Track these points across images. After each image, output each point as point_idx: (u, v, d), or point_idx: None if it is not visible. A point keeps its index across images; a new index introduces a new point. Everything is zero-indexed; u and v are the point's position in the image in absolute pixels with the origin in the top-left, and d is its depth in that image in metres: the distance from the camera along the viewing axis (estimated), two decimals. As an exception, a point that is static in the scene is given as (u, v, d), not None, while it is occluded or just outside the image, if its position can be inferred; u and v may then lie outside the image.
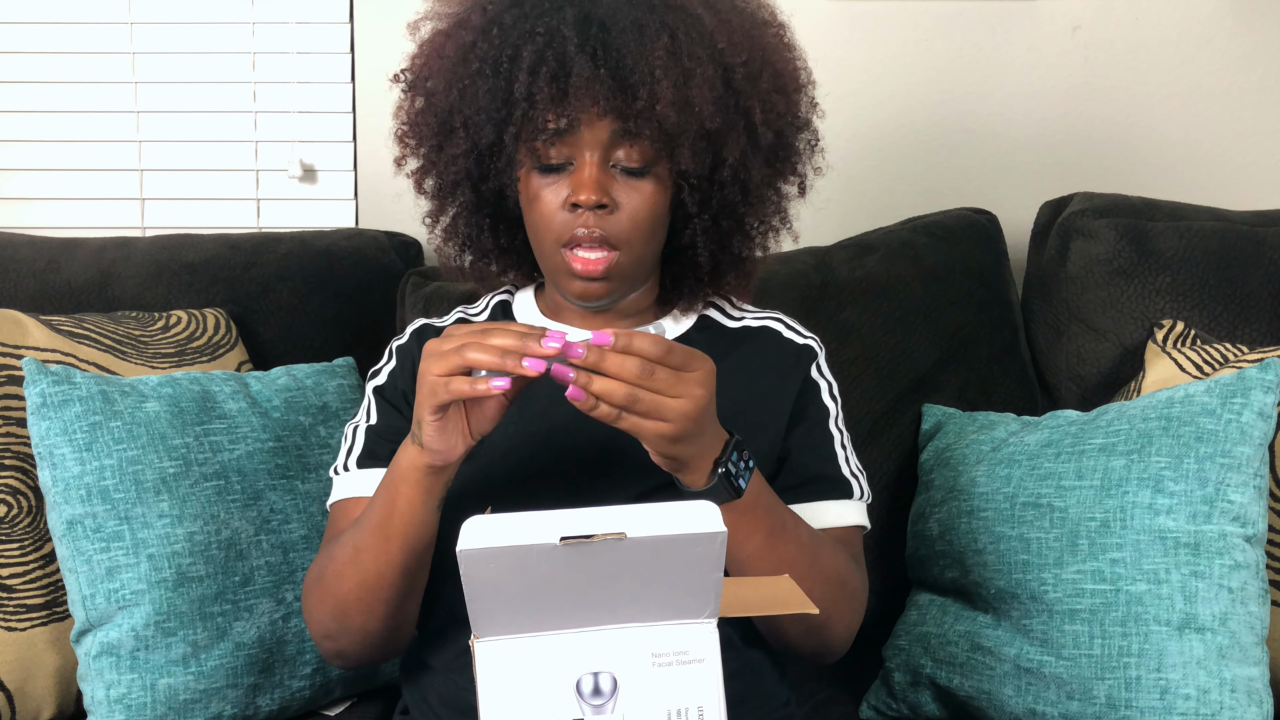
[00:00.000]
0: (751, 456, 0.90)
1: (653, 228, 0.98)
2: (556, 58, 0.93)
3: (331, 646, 1.01)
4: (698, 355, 0.83)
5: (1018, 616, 1.16)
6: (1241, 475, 1.09)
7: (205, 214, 1.78)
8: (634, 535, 0.65)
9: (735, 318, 1.10)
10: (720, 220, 1.01)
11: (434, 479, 0.88)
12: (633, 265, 0.98)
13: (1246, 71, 1.73)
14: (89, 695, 1.14)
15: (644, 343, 0.79)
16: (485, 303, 1.14)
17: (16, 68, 1.75)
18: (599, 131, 0.94)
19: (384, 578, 0.92)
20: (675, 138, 0.94)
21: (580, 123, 0.94)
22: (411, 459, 0.88)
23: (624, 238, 0.96)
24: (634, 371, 0.79)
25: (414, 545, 0.91)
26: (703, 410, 0.82)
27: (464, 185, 1.02)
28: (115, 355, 1.31)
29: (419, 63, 1.03)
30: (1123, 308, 1.46)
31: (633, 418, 0.80)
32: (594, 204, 0.94)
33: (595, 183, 0.94)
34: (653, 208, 0.97)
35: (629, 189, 0.96)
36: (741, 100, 0.97)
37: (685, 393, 0.81)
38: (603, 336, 0.79)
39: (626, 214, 0.96)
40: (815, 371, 1.07)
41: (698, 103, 0.93)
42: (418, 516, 0.90)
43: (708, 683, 0.70)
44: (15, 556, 1.20)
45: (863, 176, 1.73)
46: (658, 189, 0.97)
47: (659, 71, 0.92)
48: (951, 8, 1.72)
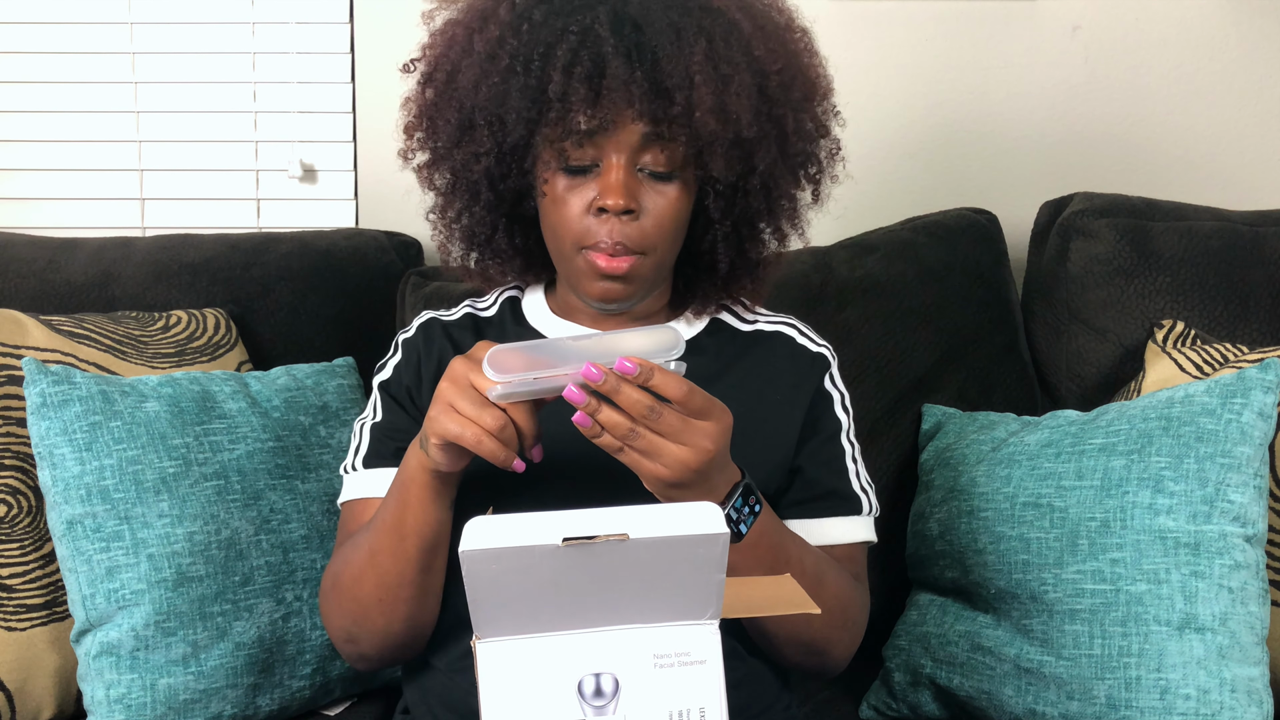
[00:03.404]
0: (760, 500, 0.88)
1: (675, 233, 0.97)
2: (591, 58, 0.91)
3: (354, 650, 1.01)
4: (718, 406, 0.81)
5: (1018, 616, 1.16)
6: (1241, 475, 1.09)
7: (205, 214, 1.77)
8: (636, 536, 0.65)
9: (748, 321, 1.09)
10: (740, 227, 1.01)
11: (443, 482, 0.89)
12: (654, 269, 0.97)
13: (1246, 71, 1.73)
14: (89, 695, 1.14)
15: (665, 380, 0.78)
16: (494, 298, 1.12)
17: (16, 68, 1.75)
18: (630, 134, 0.92)
19: (403, 577, 0.92)
20: (709, 144, 0.92)
21: (612, 125, 0.91)
22: (420, 462, 0.88)
23: (648, 244, 0.94)
24: (641, 410, 0.78)
25: (430, 543, 0.91)
26: (706, 463, 0.81)
27: (482, 184, 0.99)
28: (115, 355, 1.31)
29: (434, 53, 1.00)
30: (1123, 308, 1.46)
31: (632, 454, 0.80)
32: (621, 209, 0.92)
33: (624, 187, 0.92)
34: (677, 213, 0.95)
35: (655, 193, 0.94)
36: (775, 109, 0.95)
37: (691, 442, 0.80)
38: (627, 365, 0.77)
39: (652, 219, 0.94)
40: (828, 382, 1.07)
41: (735, 110, 0.92)
42: (430, 515, 0.90)
43: (709, 684, 0.70)
44: (15, 556, 1.20)
45: (863, 176, 1.72)
46: (683, 194, 0.95)
47: (698, 77, 0.90)
48: (951, 8, 1.72)
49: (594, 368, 0.76)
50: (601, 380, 0.77)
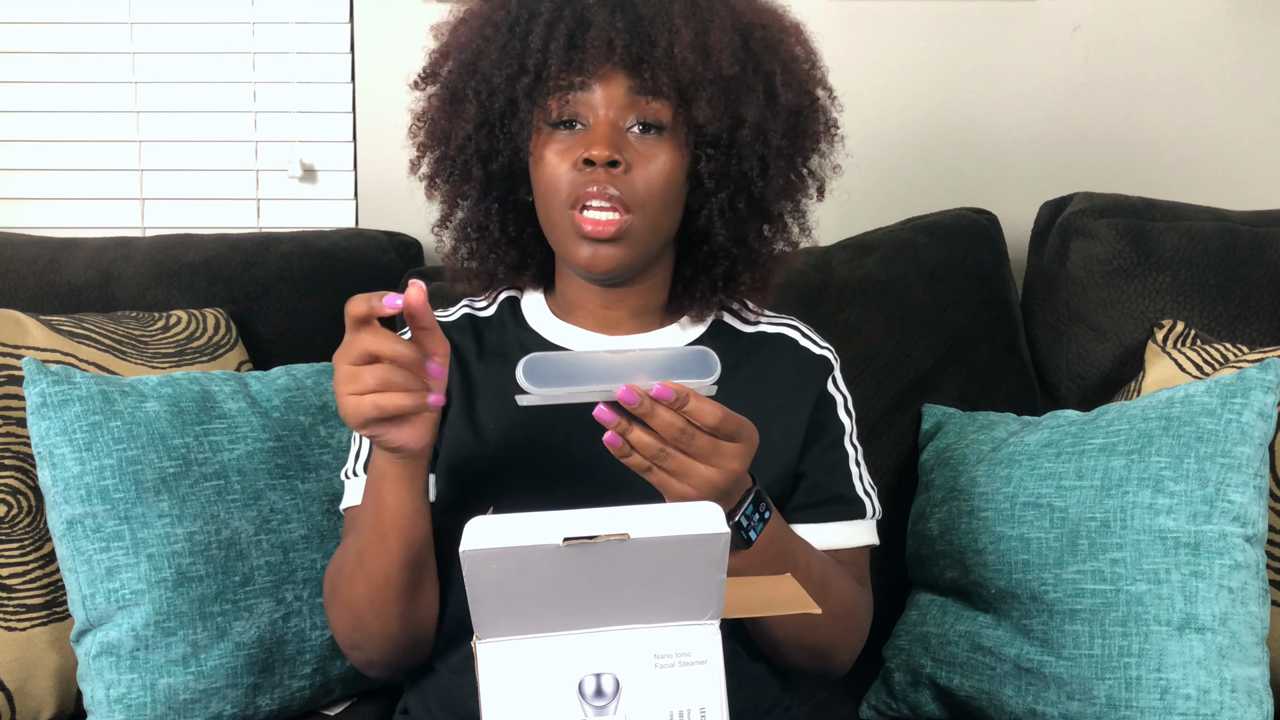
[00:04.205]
0: (770, 506, 0.88)
1: (667, 194, 0.94)
2: (574, 15, 0.92)
3: (360, 656, 1.00)
4: (748, 428, 0.81)
5: (1018, 616, 1.16)
6: (1241, 475, 1.09)
7: (205, 214, 1.78)
8: (637, 536, 0.65)
9: (751, 323, 1.07)
10: (736, 201, 0.98)
11: (409, 466, 0.87)
12: (646, 233, 0.95)
13: (1246, 71, 1.73)
14: (89, 695, 1.14)
15: (699, 407, 0.77)
16: (493, 298, 1.10)
17: (16, 68, 1.75)
18: (614, 89, 0.92)
19: (389, 577, 0.92)
20: (692, 86, 0.92)
21: (595, 78, 0.92)
22: (383, 454, 0.87)
23: (637, 200, 0.92)
24: (674, 434, 0.77)
25: (411, 538, 0.90)
26: (733, 483, 0.81)
27: (474, 164, 0.99)
28: (115, 355, 1.31)
29: (436, 56, 1.01)
30: (1123, 308, 1.46)
31: (660, 474, 0.79)
32: (606, 159, 0.91)
33: (608, 139, 0.91)
34: (668, 172, 0.94)
35: (644, 149, 0.93)
36: (762, 62, 0.95)
37: (720, 464, 0.79)
38: (664, 391, 0.76)
39: (641, 175, 0.92)
40: (831, 385, 1.06)
41: (716, 50, 0.91)
42: (406, 507, 0.89)
43: (710, 684, 0.70)
44: (15, 556, 1.20)
45: (863, 176, 1.72)
46: (674, 153, 0.94)
47: (679, 20, 0.91)
48: (951, 8, 1.72)
49: (633, 391, 0.75)
50: (638, 404, 0.76)
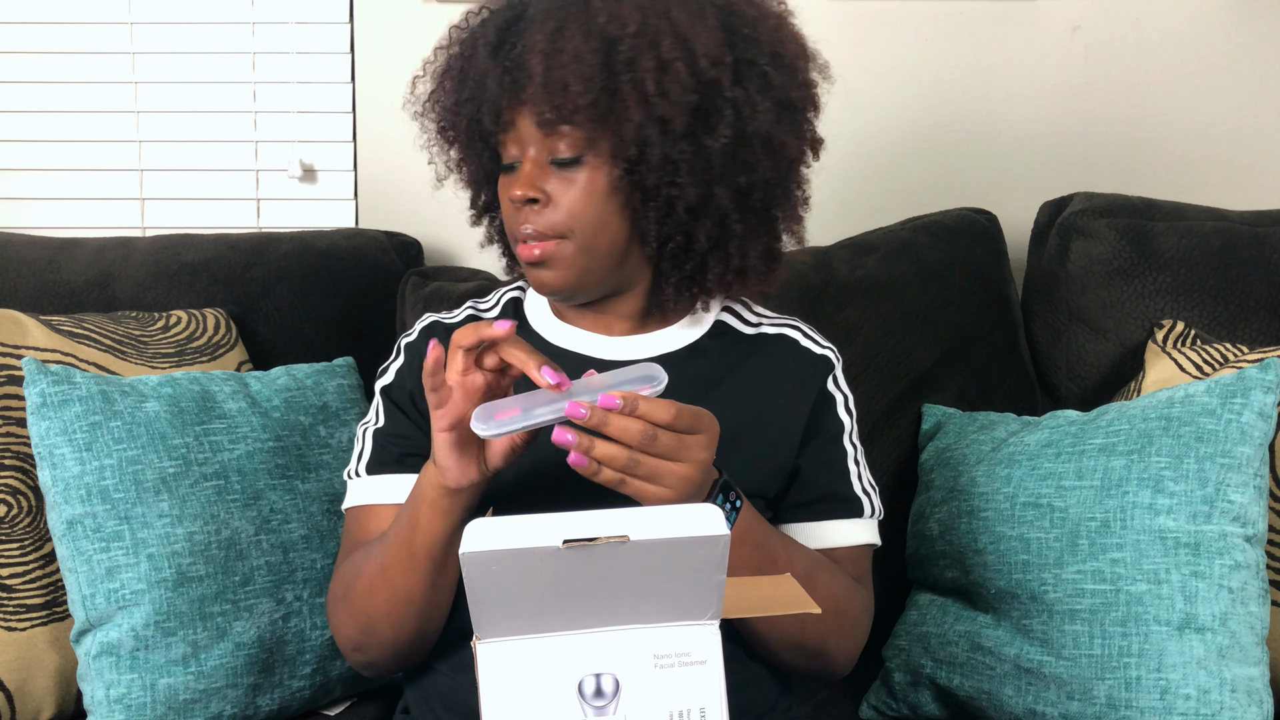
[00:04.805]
0: (739, 496, 0.89)
1: (594, 215, 0.95)
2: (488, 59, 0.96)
3: (361, 658, 1.01)
4: (704, 416, 0.81)
5: (1018, 616, 1.16)
6: (1241, 475, 1.09)
7: (205, 214, 1.77)
8: (637, 538, 0.65)
9: (752, 323, 1.08)
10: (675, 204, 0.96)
11: (451, 500, 0.87)
12: (582, 253, 0.96)
13: (1246, 71, 1.73)
14: (89, 695, 1.14)
15: (650, 407, 0.78)
16: (496, 298, 1.12)
17: (16, 68, 1.75)
18: (525, 127, 0.96)
19: (413, 594, 0.92)
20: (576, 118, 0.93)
21: (514, 122, 0.96)
22: (431, 478, 0.88)
23: (561, 228, 0.95)
24: (637, 437, 0.78)
25: (440, 563, 0.91)
26: (705, 473, 0.81)
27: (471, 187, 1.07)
28: (115, 355, 1.31)
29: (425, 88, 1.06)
30: (1123, 308, 1.46)
31: (635, 483, 0.79)
32: (522, 199, 0.95)
33: (526, 178, 0.95)
34: (587, 196, 0.95)
35: (562, 181, 0.95)
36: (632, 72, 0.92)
37: (688, 457, 0.80)
38: (609, 400, 0.77)
39: (563, 207, 0.95)
40: (831, 384, 1.06)
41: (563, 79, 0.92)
42: (439, 536, 0.89)
43: (710, 684, 0.70)
44: (15, 556, 1.20)
45: (863, 176, 1.73)
46: (594, 176, 0.95)
47: (533, 59, 0.93)
48: (951, 8, 1.72)
49: (579, 406, 0.77)
50: (588, 415, 0.77)
